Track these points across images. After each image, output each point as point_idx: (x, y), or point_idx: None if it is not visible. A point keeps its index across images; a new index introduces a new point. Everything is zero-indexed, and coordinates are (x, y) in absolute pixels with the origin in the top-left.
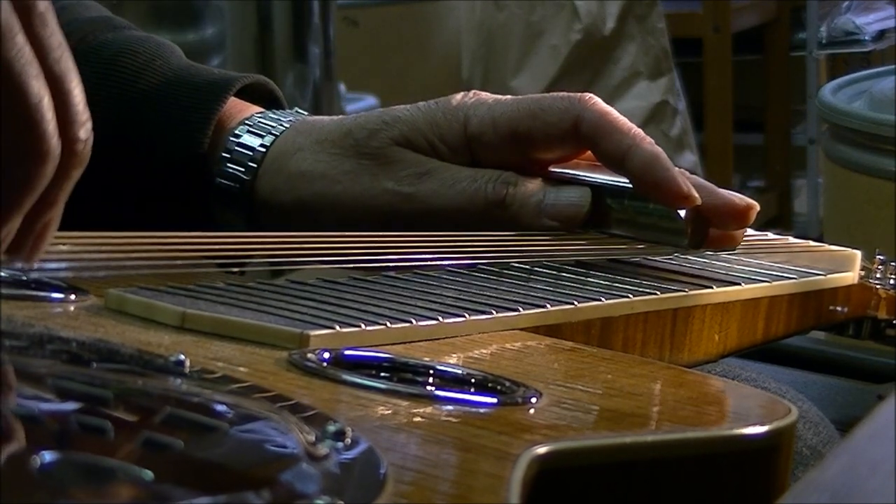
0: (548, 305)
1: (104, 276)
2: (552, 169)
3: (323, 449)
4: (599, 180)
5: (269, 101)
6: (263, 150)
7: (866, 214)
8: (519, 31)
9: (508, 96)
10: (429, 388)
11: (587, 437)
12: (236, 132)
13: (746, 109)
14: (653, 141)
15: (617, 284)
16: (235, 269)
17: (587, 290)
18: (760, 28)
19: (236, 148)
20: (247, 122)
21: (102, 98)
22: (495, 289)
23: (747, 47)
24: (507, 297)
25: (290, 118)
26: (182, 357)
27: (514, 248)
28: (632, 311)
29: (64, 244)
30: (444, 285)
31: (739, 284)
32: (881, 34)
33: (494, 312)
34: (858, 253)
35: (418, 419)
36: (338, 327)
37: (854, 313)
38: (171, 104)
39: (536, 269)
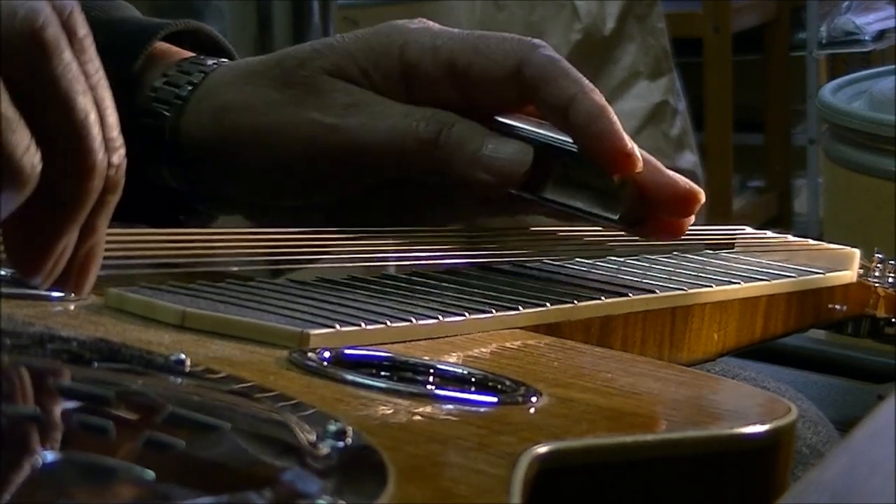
0: (547, 304)
1: (105, 274)
2: (498, 119)
3: (324, 448)
4: (543, 136)
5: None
6: (190, 86)
7: (866, 214)
8: (519, 31)
9: (456, 29)
10: (429, 387)
11: (587, 436)
12: (168, 73)
13: (746, 109)
14: (601, 94)
15: (617, 283)
16: (235, 269)
17: (587, 288)
18: (760, 28)
19: (164, 87)
20: (181, 63)
21: None
22: (495, 287)
23: (747, 47)
24: (507, 296)
25: (226, 58)
26: (182, 356)
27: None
28: (631, 309)
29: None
30: (445, 284)
31: (738, 283)
32: (881, 34)
33: (494, 311)
34: (857, 251)
35: (418, 418)
36: (338, 326)
37: (853, 312)
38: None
39: (536, 267)
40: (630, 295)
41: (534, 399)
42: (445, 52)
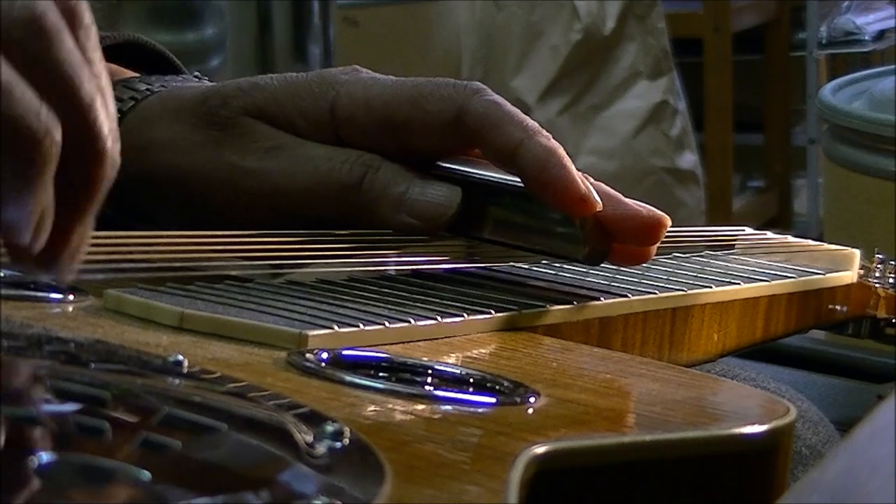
0: (547, 305)
1: (103, 279)
2: (439, 164)
3: (321, 449)
4: (485, 177)
5: (170, 69)
6: (119, 115)
7: (866, 214)
8: (519, 31)
9: (390, 77)
10: (427, 387)
11: (586, 437)
12: None
13: (746, 109)
14: (549, 135)
15: (616, 284)
16: (234, 272)
17: (586, 289)
18: (760, 28)
19: None
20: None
21: None
22: (494, 288)
23: (747, 47)
24: (506, 297)
25: (163, 84)
26: (180, 357)
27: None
28: (631, 310)
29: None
30: (443, 285)
31: (738, 284)
32: (881, 34)
33: (493, 312)
34: (857, 252)
35: (417, 419)
36: (336, 327)
37: (853, 312)
38: None
39: (535, 268)
40: (630, 296)
41: (532, 400)
42: (379, 105)
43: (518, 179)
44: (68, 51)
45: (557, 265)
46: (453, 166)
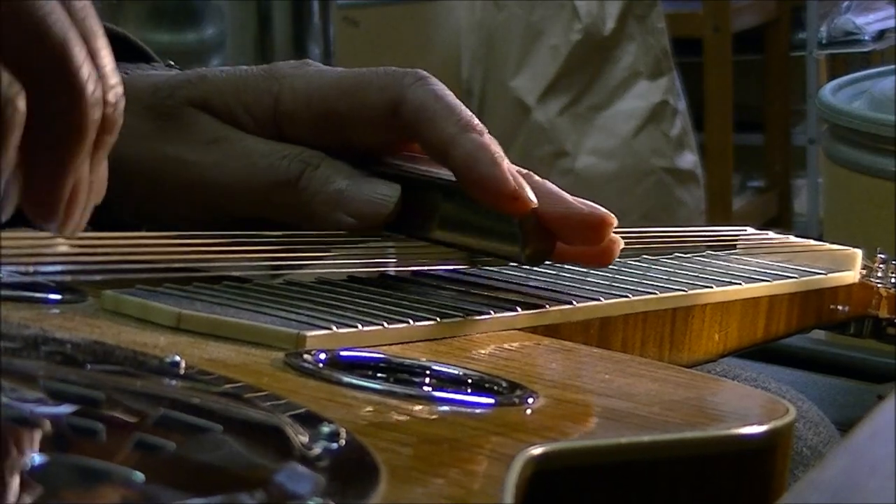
0: (546, 305)
1: (101, 279)
2: (382, 160)
3: (317, 450)
4: (426, 175)
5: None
6: None
7: (866, 214)
8: (519, 31)
9: (336, 69)
10: (425, 388)
11: (584, 437)
12: None
13: (746, 109)
14: (484, 129)
15: (616, 284)
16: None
17: (586, 289)
18: (760, 28)
19: None
20: None
21: None
22: (493, 289)
23: (747, 47)
24: (506, 298)
25: (126, 71)
26: (177, 358)
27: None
28: (631, 310)
29: (62, 245)
30: (442, 286)
31: (740, 284)
32: (881, 34)
33: (492, 312)
34: (859, 252)
35: (414, 420)
36: (334, 328)
37: (855, 312)
38: None
39: (534, 268)
40: (630, 296)
41: (531, 400)
42: (319, 98)
43: (451, 177)
44: (51, 8)
45: (556, 264)
46: (395, 163)
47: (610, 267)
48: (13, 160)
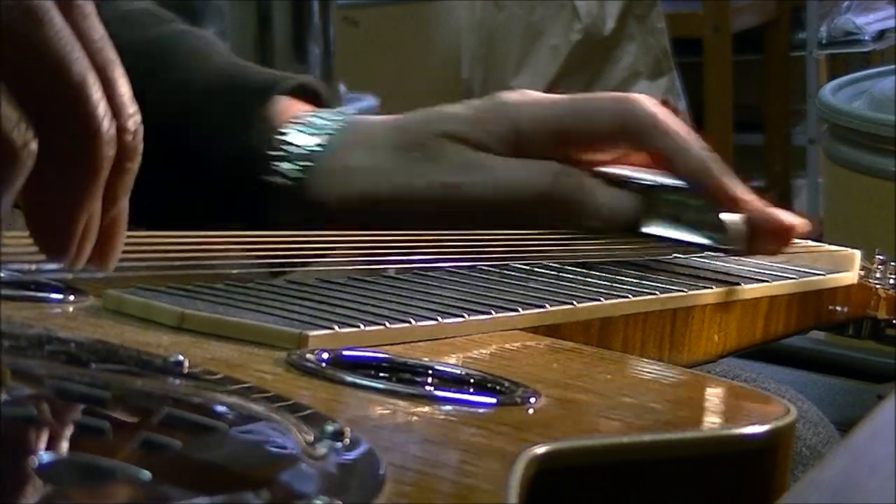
0: (547, 305)
1: (103, 277)
2: (600, 169)
3: (321, 449)
4: (650, 181)
5: (313, 99)
6: (317, 149)
7: (866, 214)
8: (519, 31)
9: (556, 95)
10: (428, 388)
11: (586, 437)
12: (284, 131)
13: (746, 109)
14: (703, 142)
15: (616, 284)
16: (234, 272)
17: (587, 290)
18: (760, 28)
19: (287, 146)
20: (299, 121)
21: (150, 98)
22: (494, 289)
23: (747, 47)
24: (507, 298)
25: (341, 118)
26: (180, 357)
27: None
28: (631, 311)
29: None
30: (444, 285)
31: (739, 284)
32: (881, 34)
33: (494, 313)
34: (858, 253)
35: (417, 419)
36: (336, 328)
37: (854, 313)
38: (219, 105)
39: (536, 269)
40: (630, 296)
41: (532, 400)
42: (553, 120)
43: (676, 181)
44: (56, 31)
45: (557, 264)
46: (619, 171)
47: (610, 267)
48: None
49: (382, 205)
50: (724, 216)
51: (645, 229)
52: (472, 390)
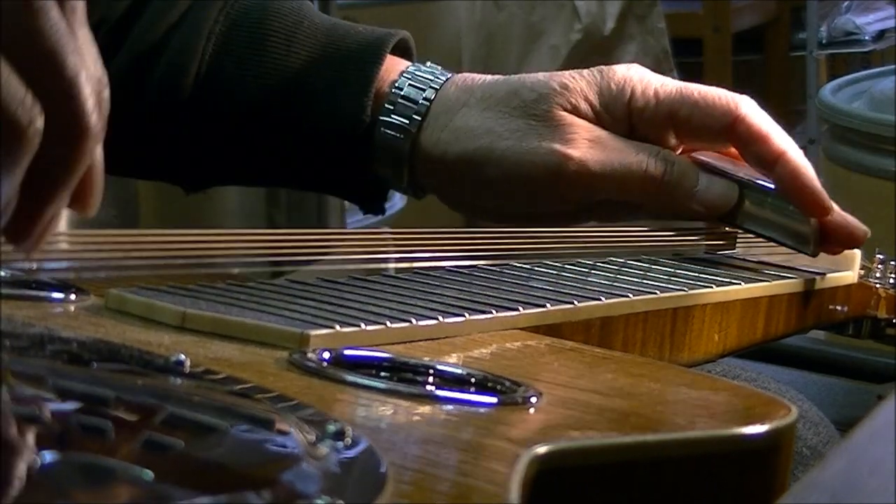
0: (548, 305)
1: (105, 276)
2: (697, 156)
3: (323, 449)
4: (745, 178)
5: (403, 52)
6: (427, 103)
7: (866, 214)
8: (519, 31)
9: (669, 80)
10: (429, 387)
11: (587, 437)
12: (398, 84)
13: None
14: (801, 150)
15: (617, 284)
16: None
17: (587, 289)
18: (760, 28)
19: (399, 101)
20: (405, 74)
21: (252, 68)
22: (495, 288)
23: (747, 47)
24: (507, 297)
25: (442, 73)
26: (182, 357)
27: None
28: (632, 310)
29: (64, 243)
30: (444, 285)
31: (739, 284)
32: (881, 34)
33: (494, 312)
34: (858, 252)
35: (418, 419)
36: (338, 327)
37: (854, 312)
38: (328, 72)
39: (536, 268)
40: (631, 296)
41: (534, 399)
42: (667, 102)
43: (769, 182)
44: (53, 24)
45: (557, 263)
46: (715, 162)
47: (611, 267)
48: (20, 180)
49: (501, 164)
50: (811, 223)
51: (734, 221)
52: (473, 390)
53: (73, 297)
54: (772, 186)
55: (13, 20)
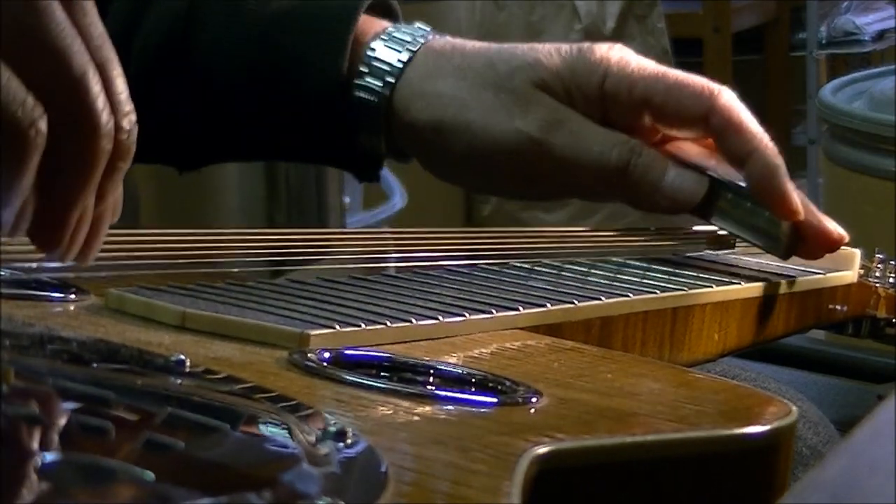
0: (548, 304)
1: (105, 275)
2: (672, 147)
3: (324, 449)
4: (717, 174)
5: (385, 14)
6: (401, 65)
7: (866, 214)
8: (519, 31)
9: (648, 64)
10: (429, 387)
11: (587, 437)
12: (372, 46)
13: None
14: (776, 150)
15: (617, 283)
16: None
17: (587, 289)
18: (760, 28)
19: (374, 62)
20: (381, 35)
21: (233, 28)
22: (495, 288)
23: (747, 47)
24: (507, 297)
25: (423, 34)
26: (182, 357)
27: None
28: (631, 310)
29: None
30: (444, 284)
31: (739, 283)
32: (881, 34)
33: (494, 311)
34: (858, 252)
35: (418, 419)
36: (338, 327)
37: (853, 312)
38: (305, 29)
39: (536, 268)
40: (630, 295)
41: (534, 399)
42: (641, 88)
43: (739, 178)
44: (58, 24)
45: (557, 263)
46: (688, 156)
47: (610, 267)
48: (31, 182)
49: (466, 135)
50: (782, 225)
51: (704, 217)
52: (473, 390)
53: (73, 296)
54: (742, 184)
55: (16, 20)
